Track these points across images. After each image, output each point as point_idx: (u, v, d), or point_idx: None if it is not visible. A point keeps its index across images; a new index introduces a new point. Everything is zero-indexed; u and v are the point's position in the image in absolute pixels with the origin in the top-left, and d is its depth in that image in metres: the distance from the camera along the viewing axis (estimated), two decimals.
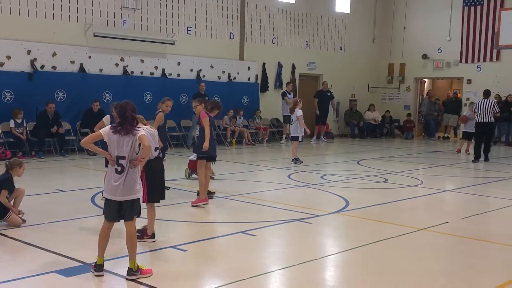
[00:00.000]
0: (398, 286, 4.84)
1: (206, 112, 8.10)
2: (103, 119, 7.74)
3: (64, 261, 5.22)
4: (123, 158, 4.83)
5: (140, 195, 4.99)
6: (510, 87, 19.12)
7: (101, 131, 4.96)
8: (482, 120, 14.28)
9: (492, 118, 14.34)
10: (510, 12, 16.94)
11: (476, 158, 14.30)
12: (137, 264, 4.85)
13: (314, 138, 19.27)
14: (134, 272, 4.82)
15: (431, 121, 21.33)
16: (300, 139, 12.80)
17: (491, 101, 14.48)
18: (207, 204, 7.93)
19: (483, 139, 14.43)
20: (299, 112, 12.76)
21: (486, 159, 14.40)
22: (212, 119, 8.19)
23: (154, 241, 5.95)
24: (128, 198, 4.86)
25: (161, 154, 6.23)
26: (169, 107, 8.59)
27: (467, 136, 15.88)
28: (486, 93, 14.83)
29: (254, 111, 18.24)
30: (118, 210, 4.90)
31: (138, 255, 5.44)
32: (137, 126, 4.91)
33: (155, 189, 6.09)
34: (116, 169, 4.84)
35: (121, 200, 4.85)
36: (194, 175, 9.86)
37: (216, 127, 8.63)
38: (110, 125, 4.97)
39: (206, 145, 7.93)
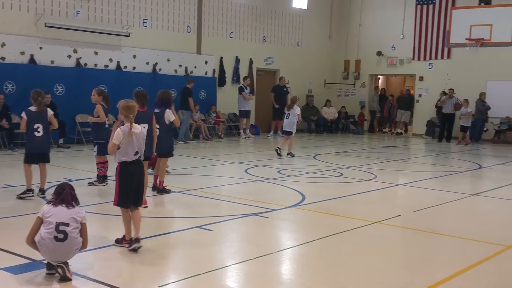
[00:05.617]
0: (353, 278, 4.90)
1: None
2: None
3: (12, 258, 5.05)
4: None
5: None
6: (459, 84, 19.67)
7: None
8: (446, 112, 19.01)
9: (454, 110, 18.99)
10: (461, 11, 17.46)
11: (440, 139, 19.26)
12: None
13: (272, 133, 19.33)
14: None
15: (480, 122, 19.02)
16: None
17: (454, 97, 19.16)
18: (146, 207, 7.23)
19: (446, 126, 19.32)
20: (298, 109, 13.44)
21: (448, 141, 19.04)
22: (144, 114, 7.20)
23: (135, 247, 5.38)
24: None
25: (142, 157, 5.62)
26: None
27: (463, 128, 18.83)
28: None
29: (210, 106, 18.15)
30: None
31: (92, 251, 5.32)
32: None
33: (126, 194, 5.52)
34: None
35: None
36: (149, 170, 9.69)
37: (151, 122, 7.57)
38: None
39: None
